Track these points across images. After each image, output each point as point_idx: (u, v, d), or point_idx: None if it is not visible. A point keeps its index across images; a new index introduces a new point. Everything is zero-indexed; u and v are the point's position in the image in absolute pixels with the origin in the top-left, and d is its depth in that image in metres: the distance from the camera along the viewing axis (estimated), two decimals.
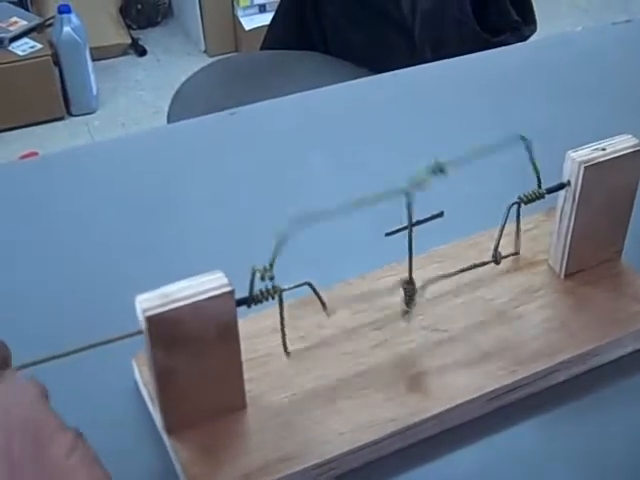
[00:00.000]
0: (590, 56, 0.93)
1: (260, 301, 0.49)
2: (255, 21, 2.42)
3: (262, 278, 0.49)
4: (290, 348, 0.54)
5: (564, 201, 0.56)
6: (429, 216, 0.56)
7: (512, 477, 0.51)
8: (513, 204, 0.54)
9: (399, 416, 0.51)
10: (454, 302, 0.57)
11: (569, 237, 0.56)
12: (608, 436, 0.53)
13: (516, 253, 0.59)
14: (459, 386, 0.52)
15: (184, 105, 1.44)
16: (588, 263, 0.59)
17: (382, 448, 0.50)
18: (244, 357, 0.50)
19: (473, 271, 0.58)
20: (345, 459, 0.49)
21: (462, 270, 0.56)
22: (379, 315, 0.57)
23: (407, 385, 0.52)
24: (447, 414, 0.51)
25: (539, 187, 0.55)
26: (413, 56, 1.32)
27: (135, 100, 2.40)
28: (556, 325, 0.56)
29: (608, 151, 0.54)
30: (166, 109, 1.44)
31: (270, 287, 0.49)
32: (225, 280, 0.46)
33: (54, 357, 0.44)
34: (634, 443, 0.52)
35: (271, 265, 0.48)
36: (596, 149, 0.54)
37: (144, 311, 0.45)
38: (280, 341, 0.54)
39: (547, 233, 0.61)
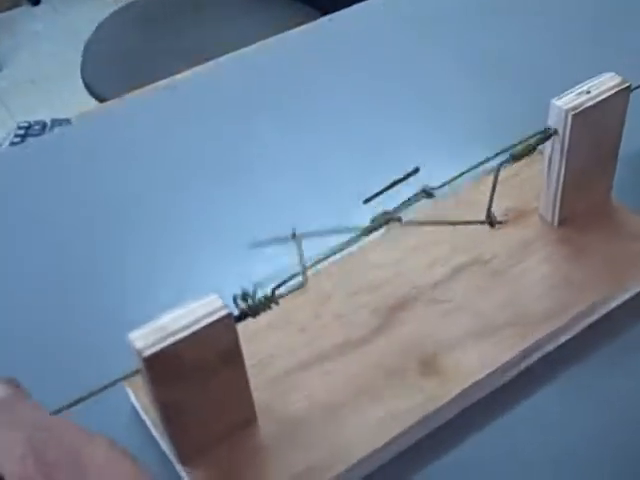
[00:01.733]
0: None
1: (258, 313, 0.46)
2: None
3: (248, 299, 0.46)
4: (292, 343, 0.52)
5: (552, 150, 0.53)
6: (405, 174, 0.53)
7: (541, 444, 0.49)
8: (503, 162, 0.51)
9: (417, 404, 0.49)
10: (450, 268, 0.55)
11: (560, 186, 0.54)
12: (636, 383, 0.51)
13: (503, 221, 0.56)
14: (472, 361, 0.50)
15: (98, 57, 1.35)
16: (580, 207, 0.56)
17: (406, 440, 0.48)
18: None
19: (465, 233, 0.55)
20: (371, 459, 0.47)
21: (453, 223, 0.52)
22: (375, 295, 0.54)
23: (419, 369, 0.50)
24: (465, 394, 0.49)
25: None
26: None
27: (39, 54, 2.27)
28: (559, 279, 0.54)
29: (593, 94, 0.51)
30: (74, 59, 1.35)
31: (267, 294, 0.46)
32: (220, 302, 0.43)
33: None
34: None
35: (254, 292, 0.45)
36: (580, 93, 0.51)
37: (141, 350, 0.41)
38: (281, 337, 0.52)
39: (530, 178, 0.58)
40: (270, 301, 0.46)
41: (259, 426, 0.48)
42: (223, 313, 0.42)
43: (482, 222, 0.52)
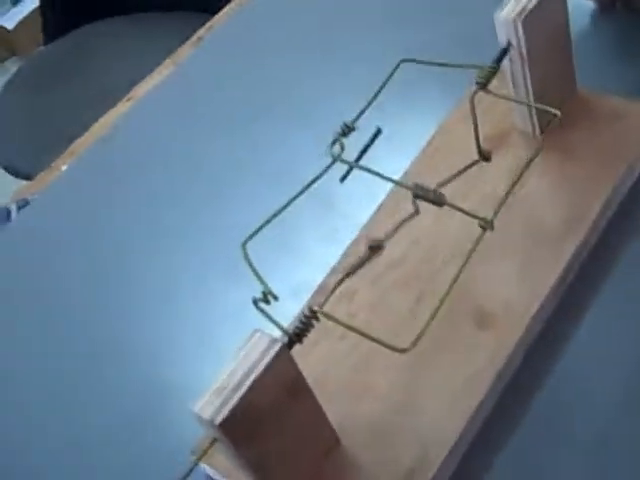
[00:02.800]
0: None
1: (305, 335, 0.43)
2: (14, 17, 2.20)
3: (266, 301, 0.43)
4: (338, 352, 0.49)
5: (511, 63, 0.51)
6: (371, 138, 0.51)
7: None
8: (476, 92, 0.49)
9: (486, 361, 0.46)
10: (460, 217, 0.53)
11: (530, 96, 0.52)
12: None
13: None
14: (518, 301, 0.48)
15: (5, 135, 1.28)
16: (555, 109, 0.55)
17: (488, 400, 0.46)
18: None
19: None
20: (462, 438, 0.45)
21: (458, 173, 0.50)
22: (412, 268, 0.52)
23: (473, 326, 0.48)
24: (526, 335, 0.47)
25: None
26: None
27: None
28: (566, 184, 0.52)
29: None
30: None
31: (305, 312, 0.43)
32: (267, 338, 0.40)
33: None
34: None
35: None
36: None
37: (212, 420, 0.38)
38: (325, 350, 0.49)
39: (492, 102, 0.56)
40: (311, 319, 0.43)
41: (344, 447, 0.46)
42: (277, 347, 0.39)
43: (478, 161, 0.50)
